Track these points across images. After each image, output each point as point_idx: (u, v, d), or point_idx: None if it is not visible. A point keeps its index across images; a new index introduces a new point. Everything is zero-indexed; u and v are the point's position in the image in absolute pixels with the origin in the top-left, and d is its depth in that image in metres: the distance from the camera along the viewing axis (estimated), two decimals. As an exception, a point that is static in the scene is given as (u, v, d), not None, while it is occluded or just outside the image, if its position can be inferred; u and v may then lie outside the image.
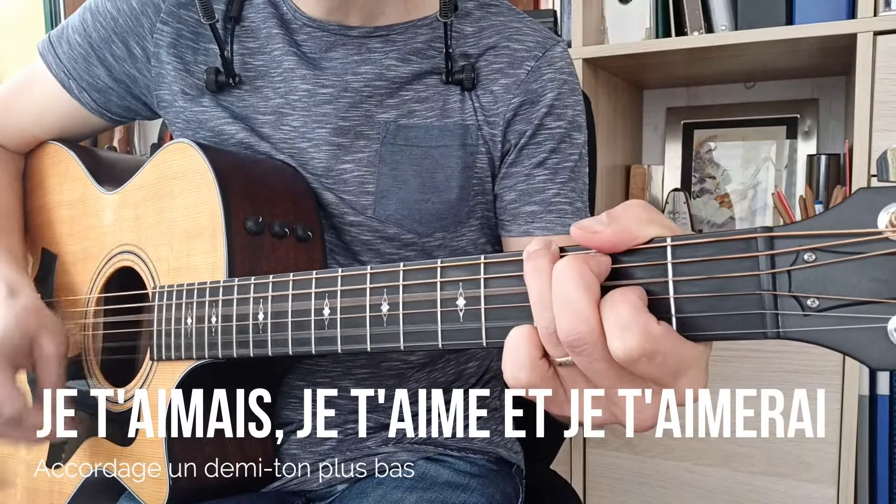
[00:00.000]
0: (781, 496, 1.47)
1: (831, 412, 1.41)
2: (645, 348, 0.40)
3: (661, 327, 0.41)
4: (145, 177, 0.83)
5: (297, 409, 0.86)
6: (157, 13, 0.87)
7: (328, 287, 0.59)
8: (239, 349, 0.67)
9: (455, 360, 0.92)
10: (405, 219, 0.83)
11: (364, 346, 0.56)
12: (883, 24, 1.36)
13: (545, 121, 0.84)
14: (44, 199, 0.98)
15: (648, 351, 0.41)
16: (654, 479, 1.59)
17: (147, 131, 2.40)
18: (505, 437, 0.97)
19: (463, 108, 0.84)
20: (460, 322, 0.50)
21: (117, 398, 0.83)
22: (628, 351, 0.41)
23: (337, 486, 0.87)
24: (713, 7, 1.61)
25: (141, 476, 0.78)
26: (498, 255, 0.49)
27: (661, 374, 0.42)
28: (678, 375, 0.43)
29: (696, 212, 1.96)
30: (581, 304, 0.42)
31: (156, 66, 0.87)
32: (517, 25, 0.87)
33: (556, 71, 0.86)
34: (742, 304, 0.41)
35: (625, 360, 0.41)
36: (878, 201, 0.37)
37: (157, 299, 0.77)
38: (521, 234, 0.86)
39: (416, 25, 0.85)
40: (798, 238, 0.39)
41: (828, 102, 1.86)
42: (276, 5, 0.87)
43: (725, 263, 0.41)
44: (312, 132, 0.84)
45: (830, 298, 0.38)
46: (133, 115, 0.96)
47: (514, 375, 0.45)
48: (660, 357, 0.41)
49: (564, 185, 0.86)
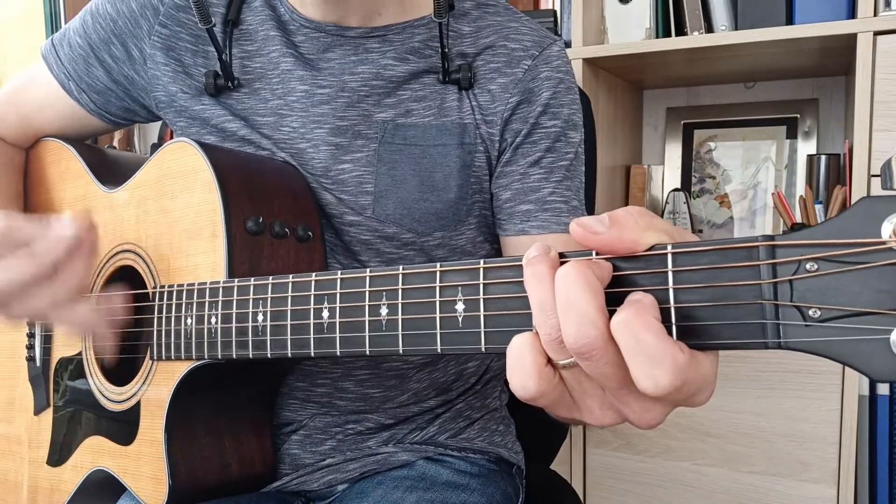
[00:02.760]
0: (781, 496, 1.47)
1: (831, 412, 1.42)
2: (675, 385, 0.39)
3: (685, 355, 0.40)
4: (146, 176, 0.83)
5: (297, 409, 0.86)
6: (155, 16, 0.87)
7: (327, 290, 0.59)
8: (238, 350, 0.67)
9: (455, 360, 0.92)
10: (404, 218, 0.83)
11: (363, 349, 0.56)
12: (883, 24, 1.36)
13: (540, 119, 0.84)
14: (45, 197, 0.98)
15: (678, 386, 0.39)
16: (654, 479, 1.60)
17: (147, 131, 2.40)
18: (505, 437, 0.97)
19: (461, 107, 0.84)
20: (459, 327, 0.50)
21: (118, 398, 0.83)
22: (660, 389, 0.39)
23: (337, 486, 0.87)
24: (713, 7, 1.61)
25: (141, 475, 0.79)
26: (497, 259, 0.49)
27: (680, 399, 0.42)
28: (696, 394, 0.42)
29: (696, 212, 1.95)
30: (588, 308, 0.41)
31: (152, 67, 0.87)
32: (514, 25, 0.87)
33: (553, 69, 0.85)
34: (743, 313, 0.40)
35: (654, 395, 0.40)
36: (882, 210, 0.36)
37: (157, 299, 0.77)
38: (516, 234, 0.86)
39: (412, 26, 0.85)
40: (800, 247, 0.38)
41: (828, 102, 1.86)
42: (274, 7, 0.87)
43: (727, 272, 0.40)
44: (311, 132, 0.84)
45: (832, 309, 0.37)
46: (132, 117, 0.96)
47: (522, 386, 0.44)
48: (685, 388, 0.40)
49: (560, 184, 0.85)
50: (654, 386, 0.39)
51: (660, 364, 0.39)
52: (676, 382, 0.39)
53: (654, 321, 0.40)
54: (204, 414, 0.78)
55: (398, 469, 0.88)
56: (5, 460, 0.99)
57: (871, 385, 1.42)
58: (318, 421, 0.86)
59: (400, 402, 0.89)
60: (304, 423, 0.86)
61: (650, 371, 0.39)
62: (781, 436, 1.46)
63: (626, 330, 0.40)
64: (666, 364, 0.39)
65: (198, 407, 0.77)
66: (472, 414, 0.94)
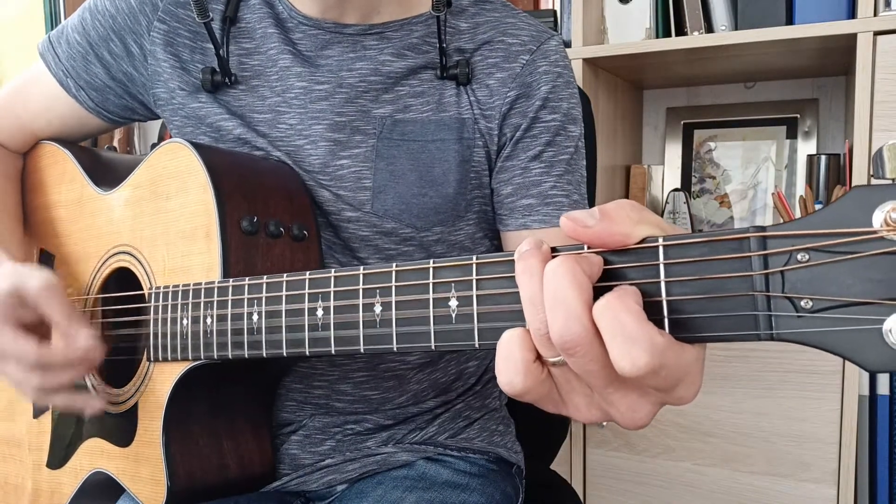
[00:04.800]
0: (781, 496, 1.47)
1: (831, 412, 1.41)
2: (652, 364, 0.39)
3: (664, 338, 0.40)
4: (140, 177, 0.83)
5: (295, 410, 0.86)
6: (154, 11, 0.87)
7: (321, 288, 0.59)
8: (234, 350, 0.67)
9: (455, 360, 0.92)
10: (403, 213, 0.83)
11: (357, 347, 0.56)
12: (883, 24, 1.36)
13: (540, 114, 0.84)
14: (42, 200, 0.98)
15: (656, 366, 0.39)
16: (654, 479, 1.59)
17: (147, 131, 2.40)
18: (505, 437, 0.97)
19: (459, 102, 0.84)
20: (453, 323, 0.50)
21: (115, 399, 0.83)
22: (637, 368, 0.39)
23: (336, 486, 0.87)
24: (713, 7, 1.61)
25: (139, 477, 0.78)
26: (490, 255, 0.48)
27: (662, 385, 0.41)
28: (677, 384, 0.42)
29: (696, 212, 1.95)
30: (573, 303, 0.40)
31: (152, 63, 0.87)
32: (512, 20, 0.87)
33: (551, 64, 0.85)
34: (735, 305, 0.40)
35: (631, 376, 0.40)
36: (873, 199, 0.36)
37: (153, 300, 0.77)
38: (518, 228, 0.85)
39: (410, 22, 0.85)
40: (791, 238, 0.38)
41: (828, 102, 1.85)
42: (272, 5, 0.87)
43: (718, 264, 0.40)
44: (309, 129, 0.83)
45: (824, 299, 0.37)
46: (131, 115, 0.96)
47: (508, 381, 0.44)
48: (664, 371, 0.40)
49: (561, 178, 0.85)
50: (631, 364, 0.39)
51: (637, 343, 0.39)
52: (654, 362, 0.39)
53: (635, 305, 0.40)
54: (202, 415, 0.77)
55: (398, 469, 0.88)
56: (5, 464, 0.99)
57: (871, 385, 1.41)
58: (317, 421, 0.86)
59: (399, 404, 0.89)
60: (304, 423, 0.86)
61: (628, 350, 0.39)
62: (781, 436, 1.45)
63: (605, 311, 0.40)
64: (643, 343, 0.39)
65: (195, 407, 0.77)
66: (471, 414, 0.94)
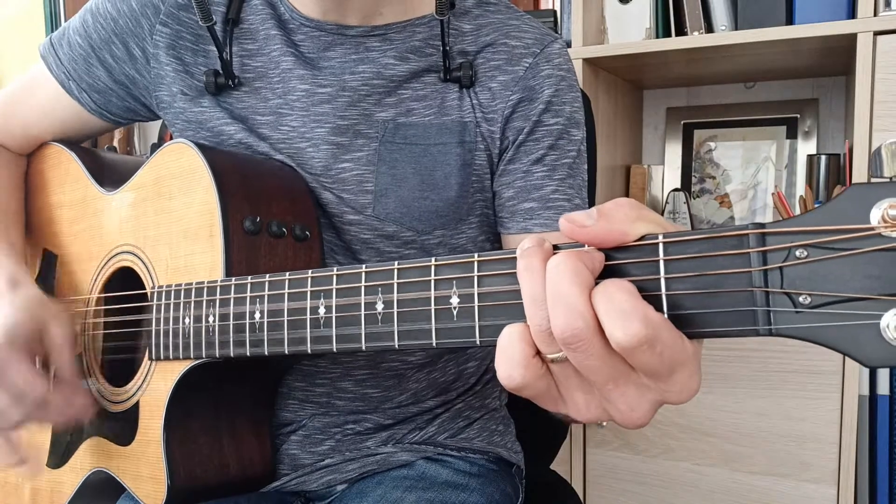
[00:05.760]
0: (781, 496, 1.47)
1: (831, 412, 1.41)
2: (647, 334, 0.40)
3: (659, 315, 0.41)
4: (144, 177, 0.83)
5: (296, 409, 0.86)
6: (156, 14, 0.87)
7: (324, 286, 0.59)
8: (236, 349, 0.67)
9: (455, 360, 0.92)
10: (404, 217, 0.83)
11: (359, 344, 0.56)
12: (883, 24, 1.36)
13: (543, 117, 0.84)
14: (45, 200, 0.98)
15: (650, 337, 0.40)
16: (654, 479, 1.59)
17: (147, 132, 2.40)
18: (505, 436, 0.97)
19: (461, 105, 0.84)
20: (454, 320, 0.50)
21: (117, 398, 0.83)
22: (630, 337, 0.40)
23: (336, 486, 0.87)
24: (713, 7, 1.61)
25: (140, 476, 0.79)
26: (491, 252, 0.49)
27: (658, 365, 0.41)
28: (674, 370, 0.42)
29: (696, 212, 1.95)
30: (576, 298, 0.41)
31: (155, 67, 0.87)
32: (515, 23, 0.87)
33: (554, 67, 0.85)
34: (733, 300, 0.40)
35: (627, 346, 0.40)
36: (871, 197, 0.37)
37: (156, 299, 0.77)
38: (519, 231, 0.86)
39: (413, 24, 0.85)
40: (790, 234, 0.38)
41: (828, 102, 1.86)
42: (274, 6, 0.87)
43: (717, 260, 0.41)
44: (311, 132, 0.84)
45: (822, 295, 0.38)
46: (133, 116, 0.96)
47: (507, 374, 0.44)
48: (659, 346, 0.40)
49: (563, 182, 0.85)
50: (624, 334, 0.40)
51: (631, 316, 0.40)
52: (648, 332, 0.40)
53: (630, 285, 0.41)
54: (203, 414, 0.78)
55: (397, 469, 0.88)
56: None
57: (871, 385, 1.41)
58: (317, 421, 0.86)
59: (399, 403, 0.89)
60: (304, 423, 0.86)
61: (622, 323, 0.40)
62: (781, 436, 1.45)
63: (601, 294, 0.41)
64: (637, 315, 0.40)
65: (196, 407, 0.77)
66: (471, 414, 0.94)
